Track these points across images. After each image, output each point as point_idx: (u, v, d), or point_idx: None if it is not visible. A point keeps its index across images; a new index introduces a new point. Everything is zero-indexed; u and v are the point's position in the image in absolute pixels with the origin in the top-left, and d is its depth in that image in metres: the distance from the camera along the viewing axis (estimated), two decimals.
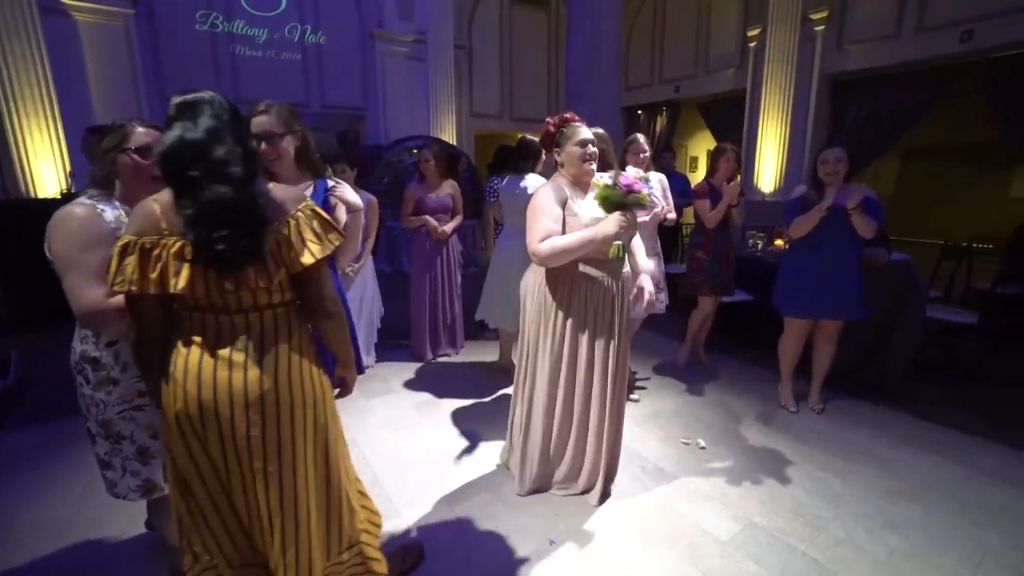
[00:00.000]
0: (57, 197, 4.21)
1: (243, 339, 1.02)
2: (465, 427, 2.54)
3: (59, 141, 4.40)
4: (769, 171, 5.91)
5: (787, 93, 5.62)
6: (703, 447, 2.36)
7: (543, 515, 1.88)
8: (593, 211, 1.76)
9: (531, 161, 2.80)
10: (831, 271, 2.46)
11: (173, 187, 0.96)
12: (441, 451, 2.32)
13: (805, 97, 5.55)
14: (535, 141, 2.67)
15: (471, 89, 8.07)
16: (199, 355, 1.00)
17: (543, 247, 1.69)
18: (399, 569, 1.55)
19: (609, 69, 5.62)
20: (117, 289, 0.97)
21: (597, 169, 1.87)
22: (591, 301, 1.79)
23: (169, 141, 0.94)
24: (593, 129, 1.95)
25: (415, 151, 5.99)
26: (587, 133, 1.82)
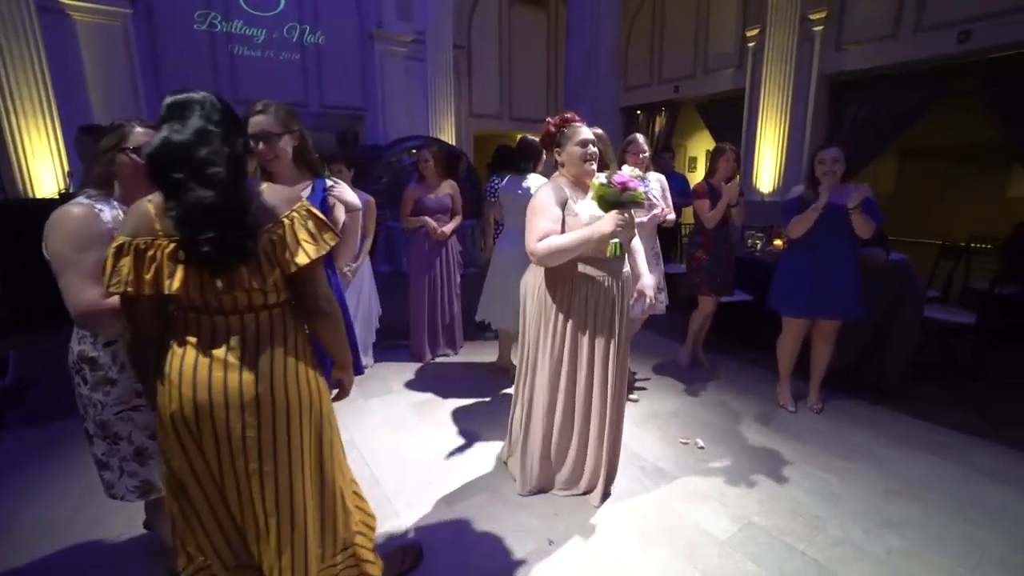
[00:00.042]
0: (55, 197, 4.21)
1: (238, 340, 1.02)
2: (464, 427, 2.54)
3: (57, 141, 4.40)
4: (768, 171, 5.92)
5: (786, 93, 5.63)
6: (702, 447, 2.36)
7: (542, 515, 1.88)
8: (593, 211, 1.76)
9: (532, 161, 2.80)
10: (828, 271, 2.46)
11: (160, 188, 0.96)
12: (440, 451, 2.32)
13: (804, 97, 5.56)
14: (536, 141, 2.67)
15: (470, 89, 8.07)
16: (194, 356, 1.00)
17: (541, 246, 1.70)
18: (398, 569, 1.55)
19: (608, 70, 5.62)
20: (112, 290, 0.97)
21: (596, 169, 1.88)
22: (591, 301, 1.80)
23: (156, 142, 0.94)
24: (592, 129, 1.95)
25: (414, 151, 5.99)
26: (587, 133, 1.83)
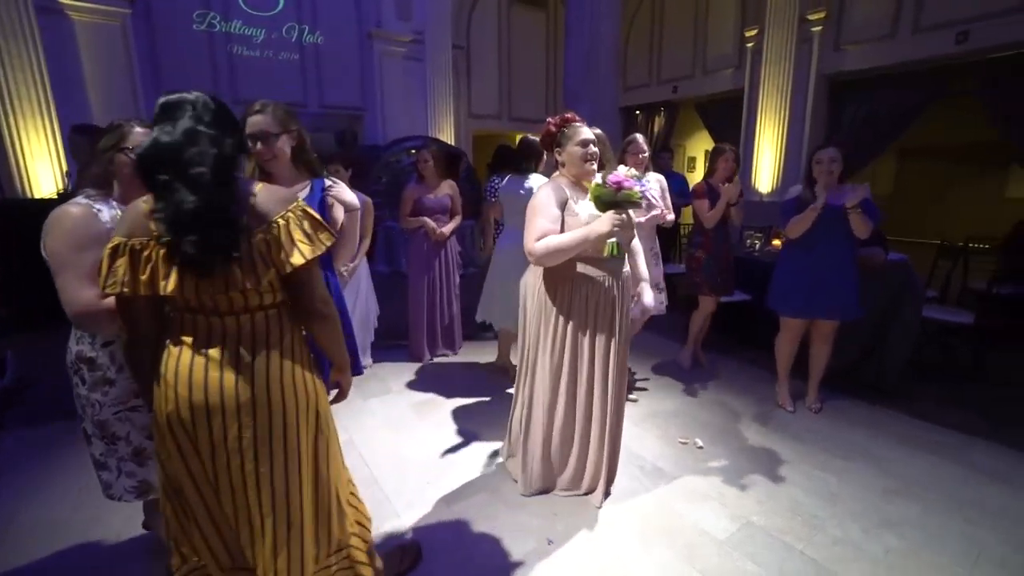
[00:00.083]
0: (54, 197, 4.20)
1: (234, 341, 1.01)
2: (463, 427, 2.54)
3: (56, 141, 4.39)
4: (767, 171, 5.92)
5: (785, 93, 5.64)
6: (701, 447, 2.36)
7: (542, 515, 1.88)
8: (593, 211, 1.76)
9: (534, 161, 2.80)
10: (826, 271, 2.46)
11: (149, 189, 0.95)
12: (439, 451, 2.32)
13: (802, 97, 5.57)
14: (537, 141, 2.67)
15: (469, 89, 8.07)
16: (190, 357, 1.00)
17: (538, 246, 1.71)
18: (397, 569, 1.55)
19: (607, 71, 5.61)
20: (108, 291, 0.96)
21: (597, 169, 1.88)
22: (591, 301, 1.80)
23: (145, 144, 0.93)
24: (591, 129, 1.95)
25: (413, 151, 5.99)
26: (588, 133, 1.83)
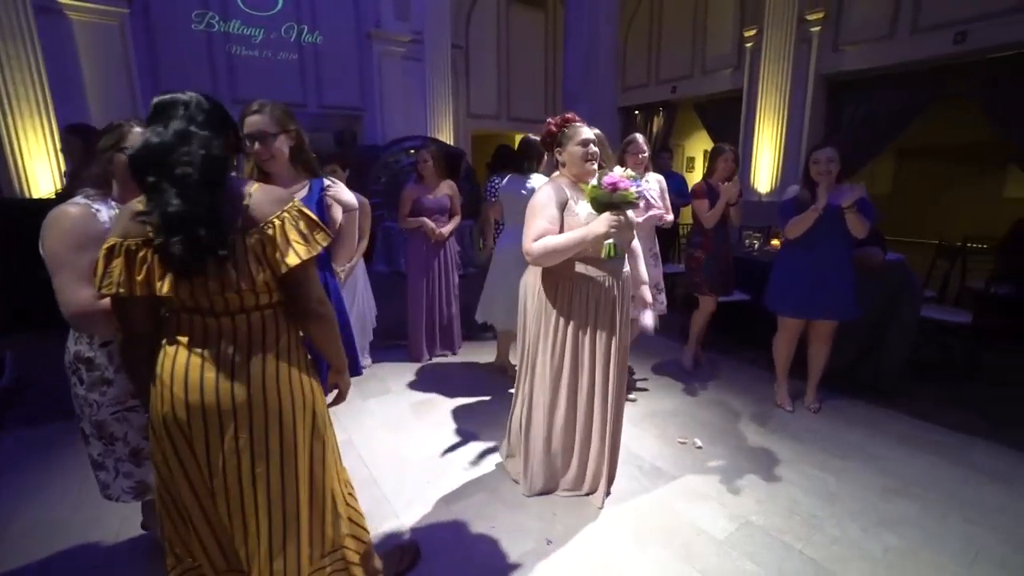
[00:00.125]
0: (51, 197, 4.19)
1: (230, 341, 1.01)
2: (462, 427, 2.54)
3: (54, 141, 4.38)
4: (765, 171, 5.93)
5: (783, 93, 5.65)
6: (699, 447, 2.36)
7: (541, 515, 1.88)
8: (592, 211, 1.76)
9: (535, 161, 2.80)
10: (826, 271, 2.46)
11: (140, 190, 0.95)
12: (438, 451, 2.32)
13: (801, 97, 5.58)
14: (538, 141, 2.67)
15: (468, 89, 8.07)
16: (186, 357, 0.99)
17: (536, 247, 1.72)
18: (396, 569, 1.55)
19: (606, 71, 5.62)
20: (104, 292, 0.96)
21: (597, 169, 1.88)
22: (592, 301, 1.80)
23: (136, 144, 0.93)
24: (590, 129, 1.96)
25: (412, 151, 5.99)
26: (588, 133, 1.84)
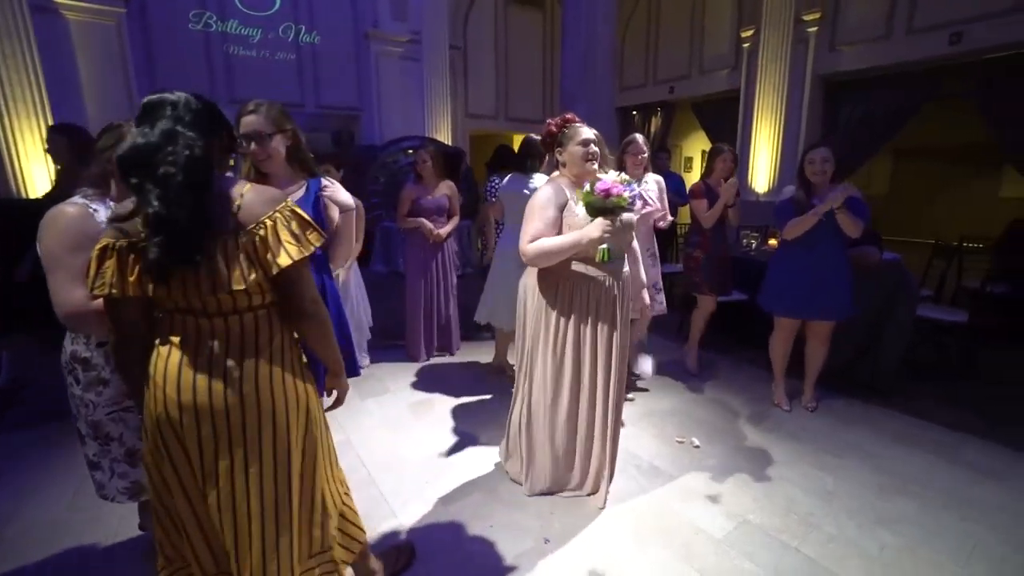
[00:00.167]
0: (43, 197, 4.16)
1: (223, 342, 1.00)
2: (461, 427, 2.54)
3: None
4: (763, 171, 5.95)
5: (781, 94, 5.66)
6: (697, 446, 2.37)
7: (539, 514, 1.88)
8: None
9: (538, 160, 2.80)
10: (824, 271, 2.47)
11: (130, 190, 0.95)
12: (437, 451, 2.32)
13: (798, 97, 5.59)
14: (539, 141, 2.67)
15: (466, 89, 8.07)
16: (179, 358, 0.99)
17: (531, 248, 1.73)
18: (392, 569, 1.55)
19: (604, 71, 5.63)
20: (97, 292, 0.96)
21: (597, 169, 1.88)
22: (592, 300, 1.81)
23: (124, 146, 0.92)
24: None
25: (410, 151, 5.99)
26: (589, 133, 1.84)
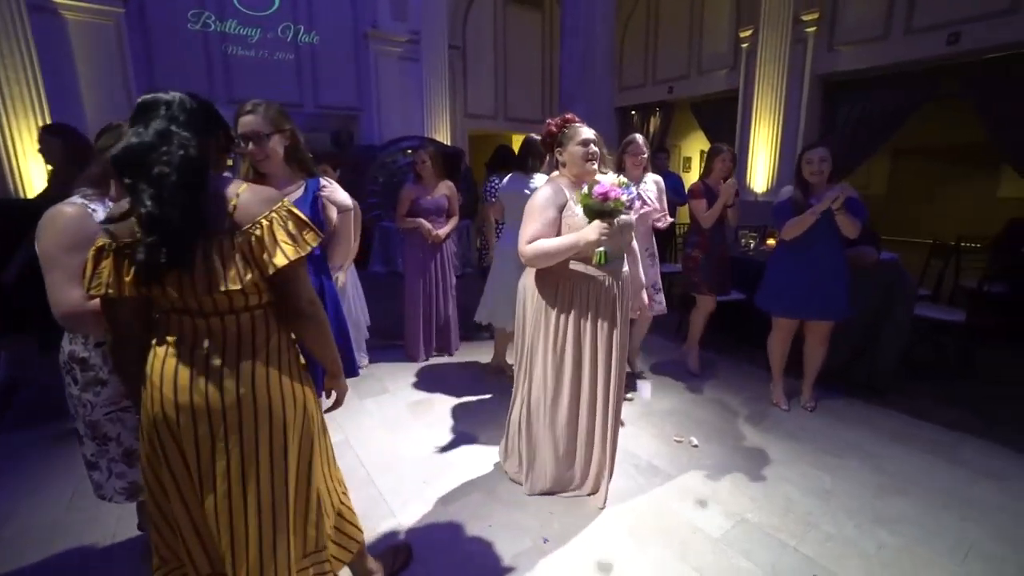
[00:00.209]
0: (35, 198, 4.14)
1: (220, 342, 1.00)
2: (459, 427, 2.54)
3: None
4: (761, 171, 5.95)
5: (779, 93, 5.67)
6: (695, 445, 2.37)
7: (537, 514, 1.88)
8: None
9: (539, 160, 2.80)
10: (822, 271, 2.47)
11: (125, 191, 0.94)
12: (435, 451, 2.33)
13: (797, 97, 5.60)
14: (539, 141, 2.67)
15: (465, 89, 8.07)
16: (175, 358, 0.99)
17: (528, 249, 1.74)
18: (388, 570, 1.55)
19: (603, 71, 5.63)
20: (93, 293, 0.96)
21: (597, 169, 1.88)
22: (592, 300, 1.81)
23: (119, 146, 0.92)
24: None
25: (409, 151, 5.99)
26: (589, 133, 1.84)
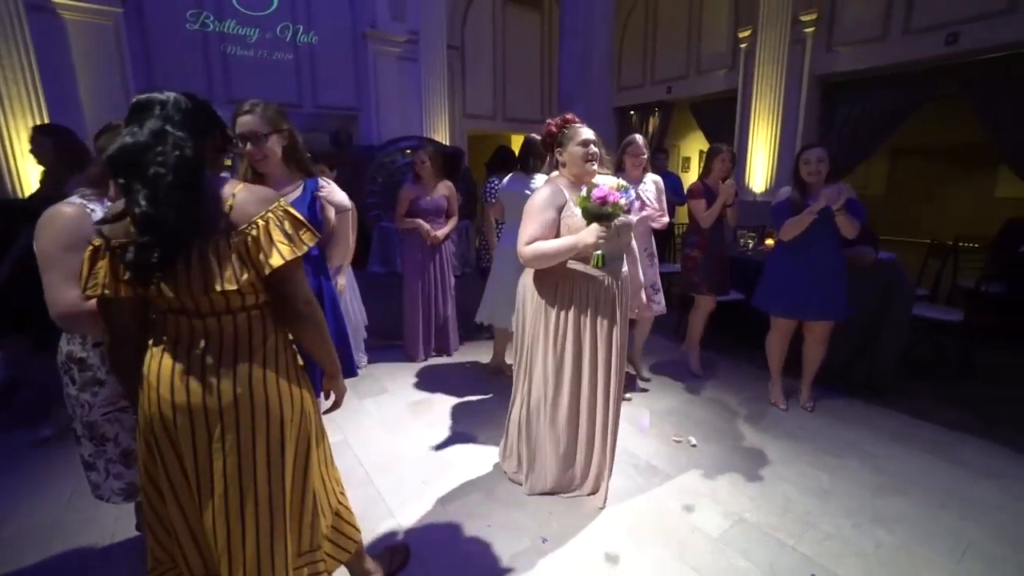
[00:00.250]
0: (29, 198, 4.12)
1: (216, 342, 1.00)
2: (459, 427, 2.54)
3: None
4: (760, 171, 5.95)
5: (778, 94, 5.67)
6: (694, 445, 2.37)
7: (536, 514, 1.89)
8: None
9: (540, 160, 2.80)
10: (820, 271, 2.47)
11: (119, 191, 0.94)
12: (434, 451, 2.32)
13: (796, 98, 5.60)
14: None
15: (464, 89, 8.07)
16: (172, 358, 0.99)
17: (527, 250, 1.74)
18: (386, 570, 1.55)
19: (602, 71, 5.64)
20: (90, 293, 0.96)
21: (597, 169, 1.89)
22: (592, 300, 1.81)
23: (114, 146, 0.92)
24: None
25: (408, 151, 5.98)
26: (589, 133, 1.85)
